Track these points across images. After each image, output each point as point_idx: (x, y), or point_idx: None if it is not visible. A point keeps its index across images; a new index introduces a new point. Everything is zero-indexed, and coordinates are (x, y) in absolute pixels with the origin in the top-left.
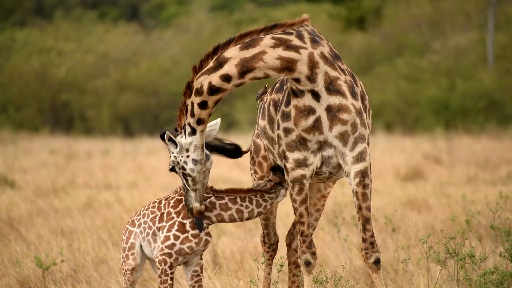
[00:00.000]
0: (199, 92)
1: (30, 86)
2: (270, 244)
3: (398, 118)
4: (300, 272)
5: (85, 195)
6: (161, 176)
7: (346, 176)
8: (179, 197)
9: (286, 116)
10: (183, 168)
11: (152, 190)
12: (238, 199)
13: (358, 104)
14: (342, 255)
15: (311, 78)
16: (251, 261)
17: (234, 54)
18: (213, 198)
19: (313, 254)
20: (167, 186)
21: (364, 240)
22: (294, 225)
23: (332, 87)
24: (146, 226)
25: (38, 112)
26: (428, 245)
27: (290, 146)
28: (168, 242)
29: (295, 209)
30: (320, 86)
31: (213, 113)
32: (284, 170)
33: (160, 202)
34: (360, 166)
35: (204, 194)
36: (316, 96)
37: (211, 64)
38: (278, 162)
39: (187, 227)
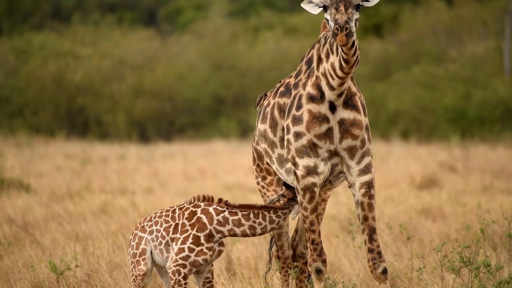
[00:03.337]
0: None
1: (47, 90)
2: (284, 258)
3: (414, 126)
4: (306, 278)
5: (100, 200)
6: (177, 182)
7: (349, 187)
8: (194, 209)
9: (297, 120)
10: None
11: (167, 196)
12: (251, 215)
13: (367, 120)
14: (357, 263)
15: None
16: (265, 268)
17: None
18: (226, 213)
19: (324, 261)
20: (182, 192)
21: (371, 250)
22: (296, 231)
23: (350, 102)
24: (159, 235)
25: (54, 116)
26: (443, 254)
27: (300, 151)
28: (183, 254)
29: (306, 217)
30: (340, 100)
31: (231, 119)
32: (294, 178)
33: (174, 212)
34: (366, 177)
35: (218, 208)
36: (332, 108)
37: None
38: (275, 166)
39: (202, 240)
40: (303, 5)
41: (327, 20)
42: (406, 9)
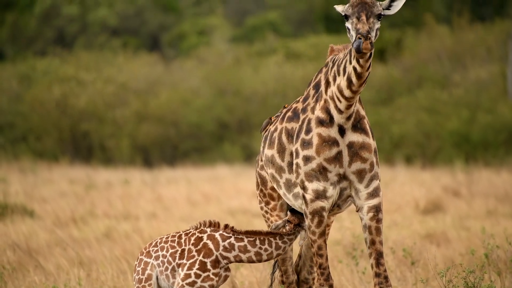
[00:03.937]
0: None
1: (51, 115)
2: (289, 283)
3: (418, 150)
4: None
5: (104, 225)
6: (180, 207)
7: (357, 211)
8: (200, 234)
9: (306, 144)
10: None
11: (171, 221)
12: (257, 241)
13: (375, 144)
14: None
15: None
16: None
17: None
18: (232, 239)
19: (331, 286)
20: (186, 217)
21: (377, 275)
22: (300, 256)
23: (359, 125)
24: (165, 260)
25: (58, 142)
26: (447, 279)
27: (309, 175)
28: (189, 280)
29: (313, 242)
30: (349, 124)
31: (235, 144)
32: (303, 202)
33: (180, 237)
34: (374, 201)
35: (224, 234)
36: (341, 131)
37: None
38: (282, 191)
39: (208, 266)
40: (336, 6)
41: (348, 29)
42: (409, 34)
